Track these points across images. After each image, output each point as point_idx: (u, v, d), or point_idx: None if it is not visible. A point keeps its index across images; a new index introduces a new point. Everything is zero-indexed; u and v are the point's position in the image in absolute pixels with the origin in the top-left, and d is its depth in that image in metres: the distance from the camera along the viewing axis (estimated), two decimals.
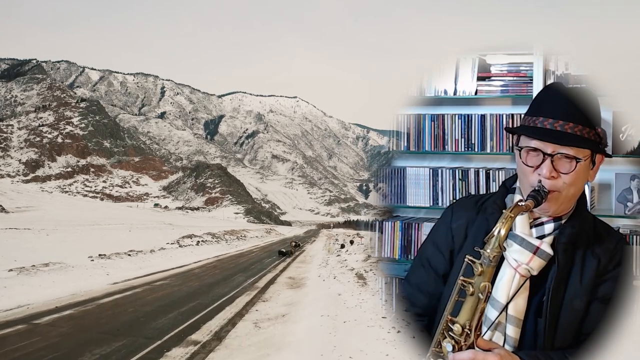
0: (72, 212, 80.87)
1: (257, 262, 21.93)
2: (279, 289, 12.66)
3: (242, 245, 39.43)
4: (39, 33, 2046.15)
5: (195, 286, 12.89)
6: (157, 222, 69.97)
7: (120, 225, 52.14)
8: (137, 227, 50.71)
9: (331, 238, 52.70)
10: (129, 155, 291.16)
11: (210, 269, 18.07)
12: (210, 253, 26.68)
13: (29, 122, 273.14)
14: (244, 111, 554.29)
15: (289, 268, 18.86)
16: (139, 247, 23.50)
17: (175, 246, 28.59)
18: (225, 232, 48.43)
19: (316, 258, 24.72)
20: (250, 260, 22.82)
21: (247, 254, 28.24)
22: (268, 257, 25.68)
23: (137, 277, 14.11)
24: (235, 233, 50.84)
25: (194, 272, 16.58)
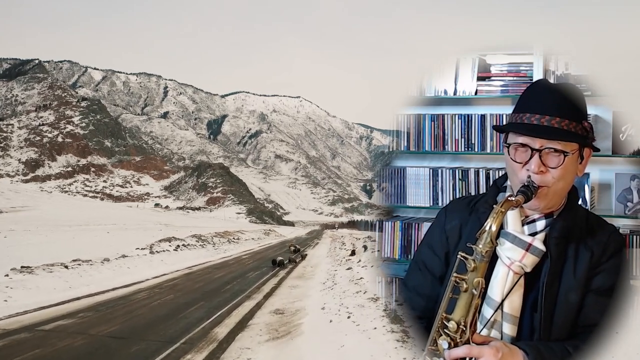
0: (70, 211, 79.25)
1: (238, 277, 17.25)
2: (252, 342, 7.52)
3: (232, 250, 33.27)
4: (41, 33, 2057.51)
5: (97, 339, 7.42)
6: (153, 223, 66.14)
7: (107, 226, 49.05)
8: (122, 229, 47.12)
9: (336, 240, 46.70)
10: (130, 155, 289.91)
11: (165, 291, 13.31)
12: (185, 262, 21.79)
13: (29, 121, 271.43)
14: (247, 111, 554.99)
15: (279, 289, 14.26)
16: (98, 254, 18.83)
17: (145, 252, 23.69)
18: (215, 234, 42.89)
19: (319, 270, 19.69)
20: (231, 275, 17.95)
21: (232, 264, 23.13)
22: (257, 268, 21.03)
23: (24, 312, 9.18)
24: (228, 235, 45.13)
25: (131, 300, 11.38)
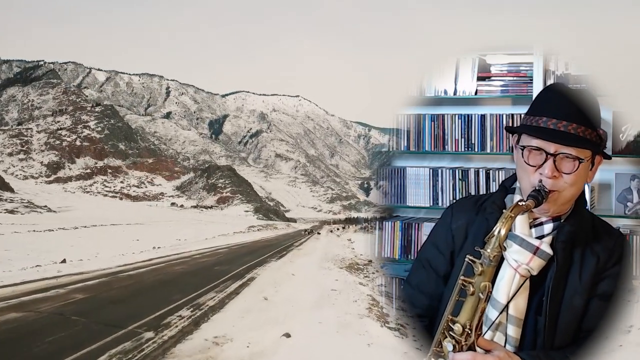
0: (108, 212, 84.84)
1: (294, 236, 9.91)
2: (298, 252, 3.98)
3: (280, 232, 21.43)
4: (43, 31, 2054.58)
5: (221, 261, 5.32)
6: (189, 219, 67.07)
7: (159, 222, 50.63)
8: (173, 224, 47.65)
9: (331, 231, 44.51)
10: (143, 157, 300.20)
11: (261, 243, 9.60)
12: (262, 235, 15.45)
13: (47, 125, 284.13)
14: (248, 110, 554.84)
15: (307, 242, 9.63)
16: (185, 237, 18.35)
17: (243, 231, 18.64)
18: (266, 224, 29.87)
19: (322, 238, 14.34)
20: (289, 237, 11.25)
21: (290, 234, 15.23)
22: (298, 235, 13.49)
23: None
24: (272, 226, 32.29)
25: (251, 244, 9.09)
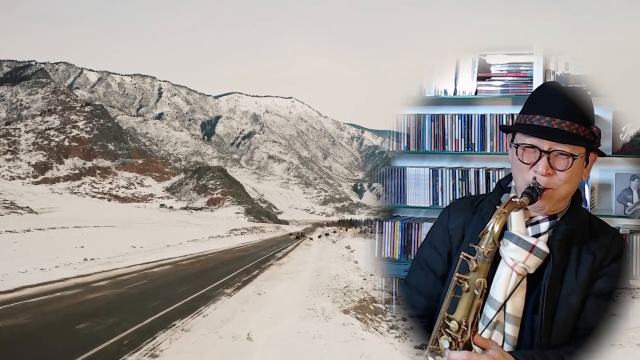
0: (100, 213, 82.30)
1: (282, 241, 10.42)
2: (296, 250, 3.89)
3: (268, 235, 20.19)
4: (34, 31, 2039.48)
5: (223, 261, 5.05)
6: (176, 221, 66.81)
7: (146, 224, 50.14)
8: (156, 226, 47.52)
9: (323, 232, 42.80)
10: (133, 158, 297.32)
11: (249, 247, 9.24)
12: (245, 239, 15.24)
13: (35, 125, 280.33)
14: (240, 112, 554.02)
15: (297, 247, 9.23)
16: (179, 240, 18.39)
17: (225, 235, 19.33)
18: (253, 227, 27.30)
19: (314, 243, 13.89)
20: (277, 241, 11.09)
21: (277, 239, 14.84)
22: (287, 240, 13.31)
23: None
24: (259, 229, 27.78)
25: (232, 251, 9.10)
